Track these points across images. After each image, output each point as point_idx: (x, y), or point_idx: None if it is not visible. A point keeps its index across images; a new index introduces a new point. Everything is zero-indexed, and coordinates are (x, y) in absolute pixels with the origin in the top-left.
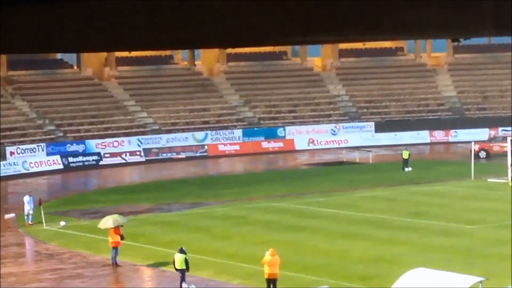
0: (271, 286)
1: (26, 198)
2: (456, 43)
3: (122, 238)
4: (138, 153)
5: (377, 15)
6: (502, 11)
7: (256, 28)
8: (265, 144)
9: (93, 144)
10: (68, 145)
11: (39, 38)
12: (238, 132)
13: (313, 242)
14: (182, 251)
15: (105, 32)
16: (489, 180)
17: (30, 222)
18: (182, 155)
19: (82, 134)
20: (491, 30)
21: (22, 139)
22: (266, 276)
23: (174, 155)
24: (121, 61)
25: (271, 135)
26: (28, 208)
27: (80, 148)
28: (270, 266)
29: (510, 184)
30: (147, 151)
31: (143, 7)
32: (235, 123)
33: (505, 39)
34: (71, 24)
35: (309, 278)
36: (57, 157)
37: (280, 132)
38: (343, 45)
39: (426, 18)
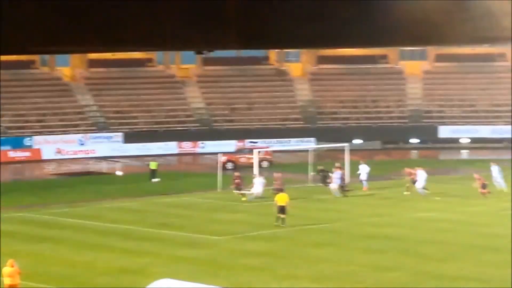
0: None
1: None
2: (203, 55)
3: None
4: None
5: (116, 27)
6: (245, 26)
7: None
8: (11, 154)
9: None
10: None
11: None
12: None
13: (58, 252)
14: None
15: None
16: (236, 191)
17: None
18: None
19: None
20: (234, 44)
21: None
22: None
23: None
24: None
25: (18, 144)
26: None
27: None
28: (10, 277)
29: (246, 198)
30: None
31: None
32: None
33: (254, 52)
34: None
35: None
36: None
37: (27, 141)
38: (92, 55)
39: (167, 30)
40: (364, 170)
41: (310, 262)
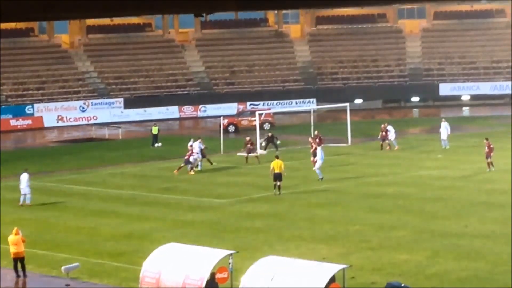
0: (19, 264)
1: None
2: (202, 19)
3: None
4: None
5: None
6: None
7: None
8: (13, 122)
9: None
10: None
11: None
12: None
13: (63, 219)
14: None
15: None
16: (238, 154)
17: None
18: None
19: None
20: (233, 5)
21: None
22: (12, 256)
23: None
24: None
25: (19, 112)
26: None
27: None
28: (15, 245)
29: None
30: None
31: None
32: None
33: (252, 15)
34: None
35: (59, 256)
36: None
37: (28, 109)
38: (91, 21)
39: None
40: (446, 128)
41: (315, 223)
